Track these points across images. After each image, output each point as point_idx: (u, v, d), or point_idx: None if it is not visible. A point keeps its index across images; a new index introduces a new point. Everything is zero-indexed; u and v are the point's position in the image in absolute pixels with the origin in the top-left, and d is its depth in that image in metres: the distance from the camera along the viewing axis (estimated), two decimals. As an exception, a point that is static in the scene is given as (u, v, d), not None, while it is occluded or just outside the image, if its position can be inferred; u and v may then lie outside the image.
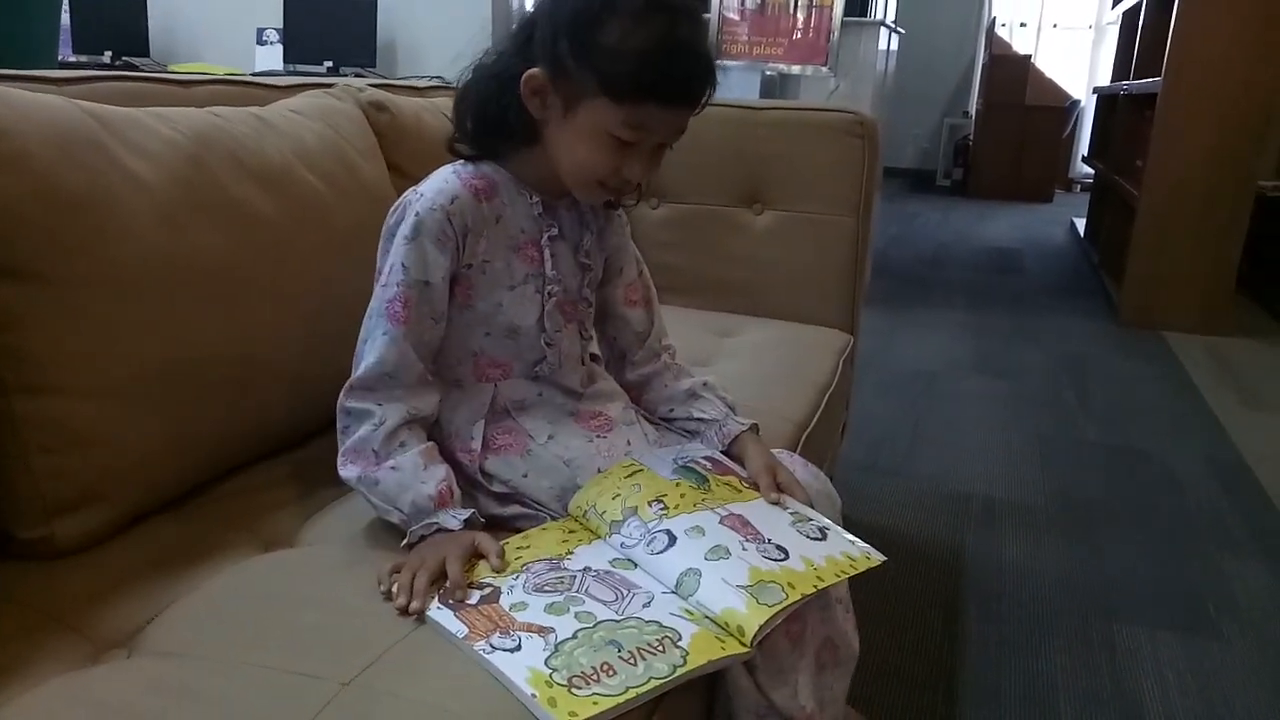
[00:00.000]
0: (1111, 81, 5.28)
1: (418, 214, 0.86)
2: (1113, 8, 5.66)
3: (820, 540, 0.84)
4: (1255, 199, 3.36)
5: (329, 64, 3.57)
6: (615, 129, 0.82)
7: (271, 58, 3.73)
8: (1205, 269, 3.40)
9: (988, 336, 3.34)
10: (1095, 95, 6.05)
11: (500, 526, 0.88)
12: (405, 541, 0.82)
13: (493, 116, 0.88)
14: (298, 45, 3.65)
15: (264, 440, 1.02)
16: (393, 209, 0.90)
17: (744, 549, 0.79)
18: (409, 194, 0.89)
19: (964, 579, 1.67)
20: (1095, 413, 2.59)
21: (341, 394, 0.87)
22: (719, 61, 3.39)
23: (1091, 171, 5.69)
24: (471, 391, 0.93)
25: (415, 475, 0.83)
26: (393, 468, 0.83)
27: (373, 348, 0.86)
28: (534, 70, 0.84)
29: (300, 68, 3.62)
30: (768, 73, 3.85)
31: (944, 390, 2.73)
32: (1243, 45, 3.20)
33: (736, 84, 3.72)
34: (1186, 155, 3.34)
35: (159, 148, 0.89)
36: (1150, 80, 3.61)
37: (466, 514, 0.83)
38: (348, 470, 0.85)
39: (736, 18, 3.81)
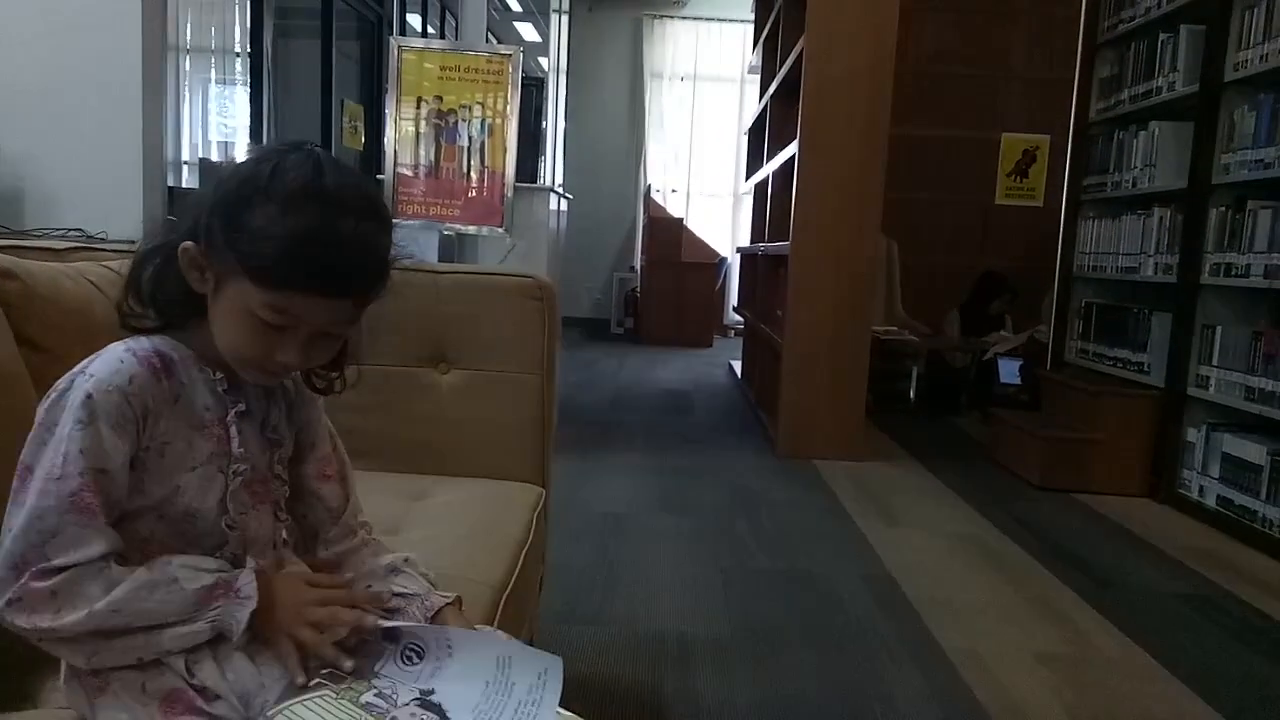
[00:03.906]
0: (751, 242, 6.04)
1: (90, 395, 0.77)
2: (746, 180, 6.53)
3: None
4: (872, 341, 3.96)
5: (-65, 214, 3.10)
6: (259, 311, 0.79)
7: None
8: (840, 404, 3.90)
9: (667, 475, 3.55)
10: (739, 253, 6.86)
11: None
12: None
13: (165, 287, 0.84)
14: (-106, 191, 3.14)
15: None
16: (51, 393, 0.79)
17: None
18: (76, 376, 0.79)
19: (666, 721, 1.70)
20: (765, 540, 2.82)
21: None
22: (397, 220, 3.39)
23: (742, 320, 6.39)
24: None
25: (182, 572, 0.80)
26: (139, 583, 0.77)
27: (71, 548, 0.75)
28: (188, 243, 0.81)
29: (-104, 217, 3.11)
30: (445, 232, 3.94)
31: (633, 530, 2.84)
32: (847, 216, 3.83)
33: (415, 242, 3.77)
34: (815, 306, 3.87)
35: None
36: (781, 243, 4.18)
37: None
38: (69, 616, 0.75)
39: (410, 174, 3.89)
